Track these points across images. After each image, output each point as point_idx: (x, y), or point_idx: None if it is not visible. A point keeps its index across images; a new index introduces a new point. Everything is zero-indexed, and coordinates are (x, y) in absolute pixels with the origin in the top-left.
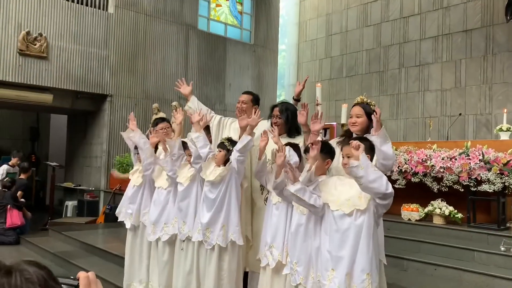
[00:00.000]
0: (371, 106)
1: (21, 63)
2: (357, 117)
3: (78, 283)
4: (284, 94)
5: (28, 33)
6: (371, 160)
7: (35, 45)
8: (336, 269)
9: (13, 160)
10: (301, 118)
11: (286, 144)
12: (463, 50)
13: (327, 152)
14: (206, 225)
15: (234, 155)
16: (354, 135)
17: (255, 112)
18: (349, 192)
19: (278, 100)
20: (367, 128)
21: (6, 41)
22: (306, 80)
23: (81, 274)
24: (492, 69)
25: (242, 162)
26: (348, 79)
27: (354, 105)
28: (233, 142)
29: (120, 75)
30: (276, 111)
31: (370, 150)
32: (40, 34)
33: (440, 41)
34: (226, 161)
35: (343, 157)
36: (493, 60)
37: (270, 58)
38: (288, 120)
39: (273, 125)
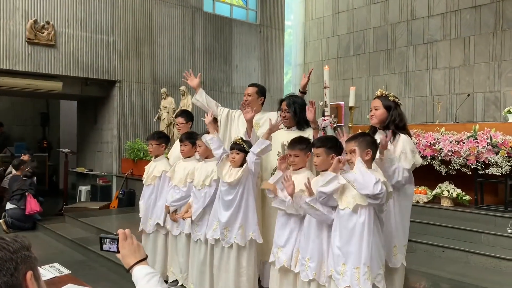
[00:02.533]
0: (390, 98)
1: (30, 52)
2: (376, 109)
3: (119, 237)
4: (291, 72)
5: (35, 21)
6: (374, 155)
7: (43, 33)
8: (346, 263)
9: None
10: (309, 115)
11: (293, 140)
12: (472, 27)
13: (331, 147)
14: (224, 224)
15: (251, 158)
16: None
17: (261, 104)
18: (353, 189)
19: (285, 79)
20: (386, 120)
21: (14, 30)
22: (311, 72)
23: (120, 231)
24: (501, 46)
25: (259, 164)
26: (356, 57)
27: (374, 99)
28: (246, 142)
29: (127, 60)
30: (284, 105)
31: (372, 145)
32: (48, 22)
33: (449, 17)
34: (242, 163)
35: (346, 153)
36: (503, 36)
37: (276, 37)
38: (296, 114)
39: (282, 119)
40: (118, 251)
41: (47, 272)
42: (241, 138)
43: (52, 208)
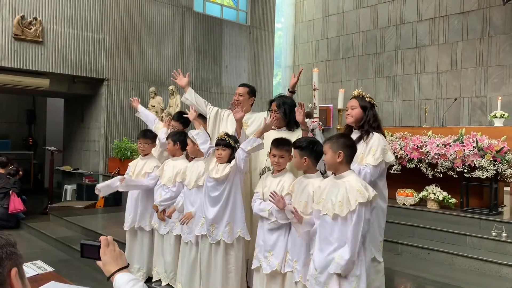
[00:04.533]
0: (366, 98)
1: (17, 48)
2: (352, 109)
3: (100, 244)
4: (280, 74)
5: (22, 17)
6: (347, 157)
7: (30, 29)
8: (320, 269)
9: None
10: (298, 117)
11: (280, 140)
12: (460, 32)
13: (303, 148)
14: (211, 220)
15: (241, 155)
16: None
17: (251, 104)
18: (336, 197)
19: (274, 81)
20: (361, 120)
21: (0, 26)
22: (301, 72)
23: (102, 237)
24: (488, 51)
25: (247, 161)
26: (345, 60)
27: (351, 99)
28: (231, 137)
29: (116, 58)
30: (274, 105)
31: (345, 147)
32: (35, 18)
33: (437, 23)
34: (230, 159)
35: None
36: (489, 42)
37: (266, 39)
38: (286, 114)
39: (272, 119)
40: (99, 258)
41: (29, 269)
42: (226, 134)
43: (37, 207)
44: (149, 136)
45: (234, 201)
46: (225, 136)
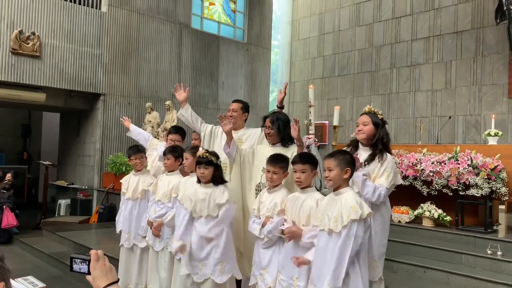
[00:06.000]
0: (378, 116)
1: (14, 62)
2: (364, 125)
3: (90, 258)
4: (276, 90)
5: (20, 32)
6: (352, 173)
7: (28, 44)
8: (317, 285)
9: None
10: (293, 133)
11: (275, 156)
12: (454, 52)
13: (315, 164)
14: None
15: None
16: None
17: (245, 120)
18: (332, 212)
19: (270, 97)
20: (373, 137)
21: None
22: (286, 87)
23: (92, 251)
24: (481, 70)
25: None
26: (340, 78)
27: (361, 114)
28: (212, 154)
29: (113, 73)
30: (268, 122)
31: (351, 163)
32: (33, 33)
33: (431, 42)
34: (213, 177)
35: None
36: (483, 61)
37: (263, 56)
38: (280, 130)
39: (266, 136)
40: (88, 273)
41: (20, 285)
42: (207, 151)
43: (30, 222)
44: (142, 150)
45: (227, 238)
46: (206, 154)
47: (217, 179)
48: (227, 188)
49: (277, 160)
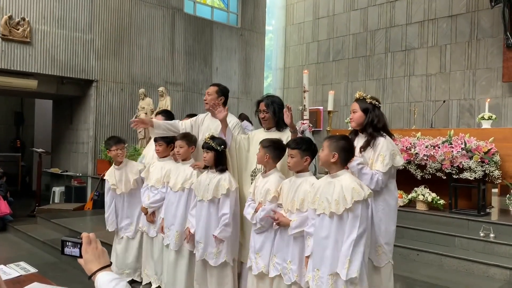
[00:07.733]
0: (367, 100)
1: (4, 48)
2: (353, 112)
3: (82, 241)
4: (271, 76)
5: (10, 17)
6: (342, 159)
7: (18, 29)
8: (320, 269)
9: None
10: (286, 119)
11: (271, 141)
12: (448, 35)
13: (305, 149)
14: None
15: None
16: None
17: (219, 104)
18: (332, 195)
19: (265, 83)
20: (363, 123)
21: None
22: (290, 108)
23: (84, 234)
24: (476, 54)
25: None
26: (335, 63)
27: (353, 102)
28: (215, 139)
29: (105, 59)
30: (262, 105)
31: (341, 149)
32: (23, 19)
33: (426, 26)
34: (216, 161)
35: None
36: (477, 45)
37: (257, 41)
38: (275, 113)
39: (261, 120)
40: (80, 256)
41: (12, 270)
42: (212, 137)
43: (25, 210)
44: (123, 140)
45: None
46: (208, 139)
47: (218, 165)
48: (231, 175)
49: (271, 144)
